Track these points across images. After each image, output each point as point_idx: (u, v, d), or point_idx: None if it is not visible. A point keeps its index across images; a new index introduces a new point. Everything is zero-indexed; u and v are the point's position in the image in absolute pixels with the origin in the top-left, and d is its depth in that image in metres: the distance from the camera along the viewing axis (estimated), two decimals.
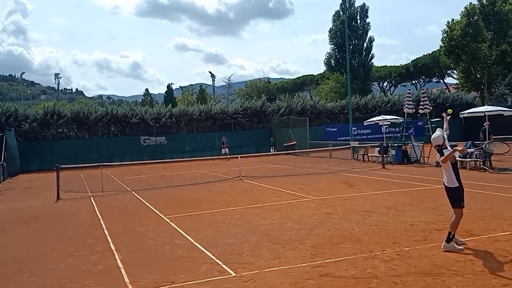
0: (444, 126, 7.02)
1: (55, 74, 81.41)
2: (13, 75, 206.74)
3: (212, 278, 5.45)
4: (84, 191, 15.02)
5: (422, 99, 19.83)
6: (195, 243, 7.22)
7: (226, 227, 8.31)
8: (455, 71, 51.52)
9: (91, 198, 13.34)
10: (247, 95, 68.01)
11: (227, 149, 27.23)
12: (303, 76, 75.76)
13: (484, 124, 19.69)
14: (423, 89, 35.01)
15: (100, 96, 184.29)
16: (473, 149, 16.06)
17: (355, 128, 29.29)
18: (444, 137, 6.58)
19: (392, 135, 25.85)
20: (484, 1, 42.42)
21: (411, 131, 21.43)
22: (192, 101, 59.56)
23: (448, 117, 7.17)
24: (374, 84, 63.68)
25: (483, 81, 42.84)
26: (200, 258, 6.35)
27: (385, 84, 68.67)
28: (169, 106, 33.21)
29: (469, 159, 16.08)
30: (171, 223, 8.96)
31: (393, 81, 67.12)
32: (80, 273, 6.01)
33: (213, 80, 77.11)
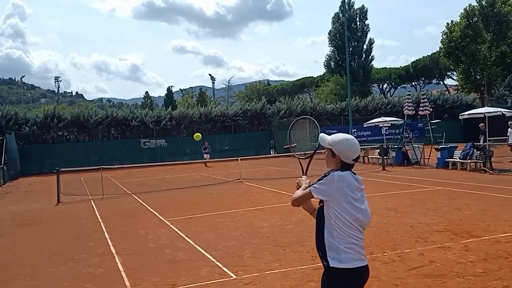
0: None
1: (55, 77, 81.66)
2: (13, 78, 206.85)
3: (213, 281, 5.44)
4: (84, 194, 15.01)
5: (422, 101, 19.82)
6: (195, 245, 7.21)
7: (227, 230, 8.30)
8: (454, 73, 51.56)
9: (91, 201, 13.33)
10: (247, 98, 68.03)
11: (208, 155, 25.83)
12: (302, 78, 75.83)
13: (480, 126, 19.67)
14: (423, 91, 35.09)
15: (100, 99, 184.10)
16: (470, 150, 16.10)
17: (355, 130, 29.29)
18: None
19: (392, 136, 25.84)
20: (484, 3, 42.49)
21: (407, 134, 21.04)
22: (192, 103, 59.54)
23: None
24: (374, 86, 63.71)
25: (483, 83, 42.88)
26: (201, 261, 6.34)
27: (385, 85, 68.74)
28: (169, 109, 33.25)
29: (469, 161, 16.10)
30: (171, 225, 8.95)
31: (393, 83, 67.20)
32: (80, 276, 6.00)
33: (213, 83, 77.17)
